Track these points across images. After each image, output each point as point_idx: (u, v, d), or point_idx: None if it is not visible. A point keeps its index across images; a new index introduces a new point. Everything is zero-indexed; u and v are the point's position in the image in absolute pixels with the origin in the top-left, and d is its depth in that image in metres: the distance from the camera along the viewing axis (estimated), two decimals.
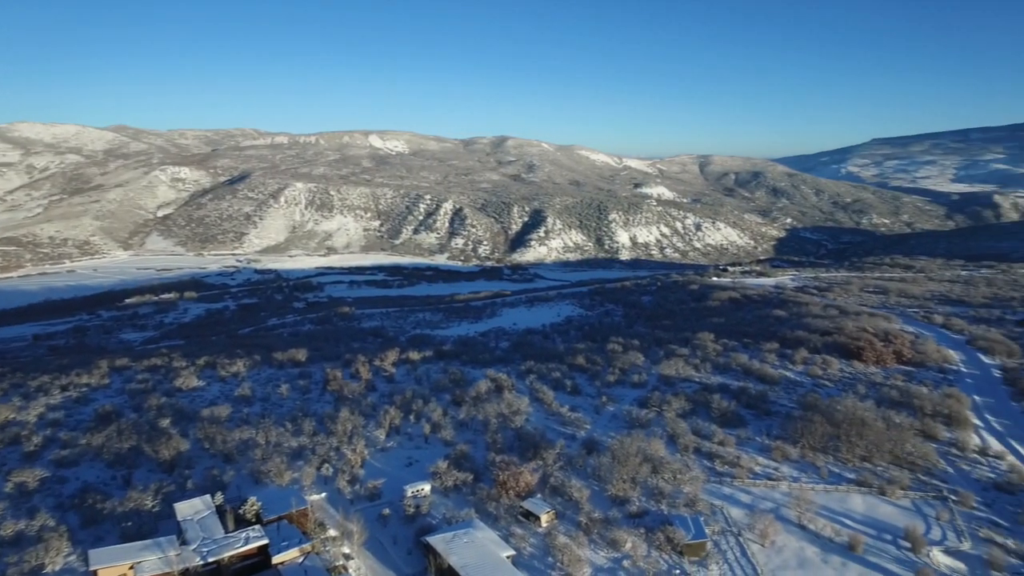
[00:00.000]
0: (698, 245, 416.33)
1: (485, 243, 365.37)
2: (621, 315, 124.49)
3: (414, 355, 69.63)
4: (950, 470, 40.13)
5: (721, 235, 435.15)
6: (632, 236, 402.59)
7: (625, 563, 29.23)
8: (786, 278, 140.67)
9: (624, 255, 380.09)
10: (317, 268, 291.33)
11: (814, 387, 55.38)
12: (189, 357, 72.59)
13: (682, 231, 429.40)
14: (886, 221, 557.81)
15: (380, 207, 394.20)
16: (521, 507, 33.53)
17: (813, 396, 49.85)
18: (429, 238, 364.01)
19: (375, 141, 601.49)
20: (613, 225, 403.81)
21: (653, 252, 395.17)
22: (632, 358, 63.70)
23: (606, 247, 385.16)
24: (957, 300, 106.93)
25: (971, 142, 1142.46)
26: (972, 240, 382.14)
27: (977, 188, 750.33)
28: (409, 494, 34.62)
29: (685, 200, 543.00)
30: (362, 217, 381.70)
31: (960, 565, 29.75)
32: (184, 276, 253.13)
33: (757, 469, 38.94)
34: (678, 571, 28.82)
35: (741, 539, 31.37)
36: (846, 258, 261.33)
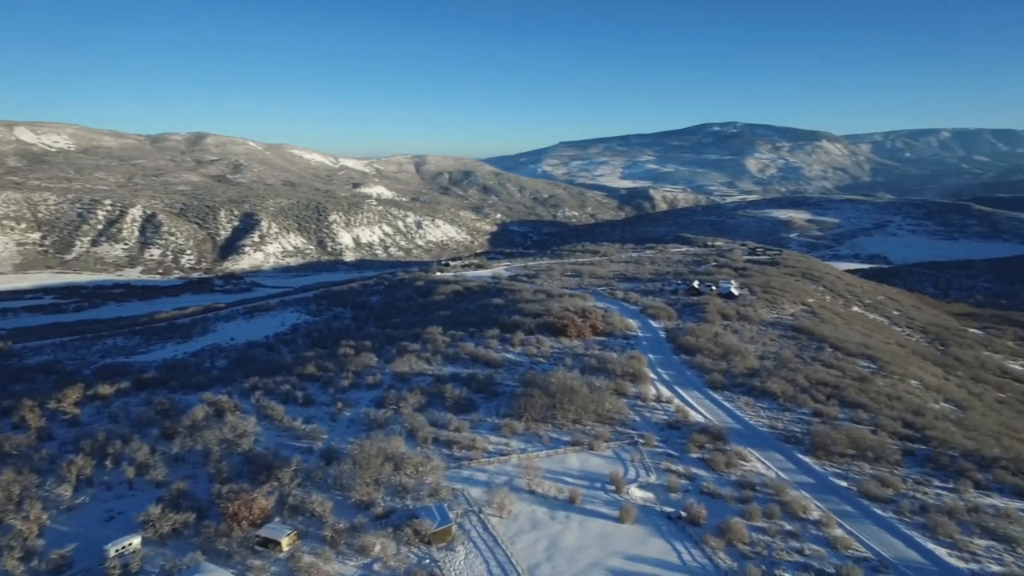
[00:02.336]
0: (420, 242, 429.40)
1: (189, 252, 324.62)
2: (350, 317, 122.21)
3: (105, 389, 58.69)
4: (637, 419, 48.35)
5: (441, 232, 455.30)
6: (355, 237, 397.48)
7: (376, 566, 28.94)
8: (501, 269, 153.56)
9: (348, 256, 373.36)
10: None
11: (532, 365, 61.48)
12: None
13: (404, 229, 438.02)
14: (576, 214, 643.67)
15: (40, 216, 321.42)
16: (258, 536, 30.77)
17: (532, 373, 55.27)
18: (115, 250, 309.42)
19: (24, 135, 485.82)
20: (335, 226, 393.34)
21: (378, 252, 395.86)
22: (365, 359, 63.03)
23: (329, 249, 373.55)
24: (631, 277, 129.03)
25: (631, 146, 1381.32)
26: (638, 227, 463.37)
27: (638, 184, 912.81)
28: (112, 553, 29.11)
29: (404, 199, 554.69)
30: (14, 229, 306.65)
31: (650, 495, 36.08)
32: None
33: (490, 448, 41.83)
34: (428, 561, 29.56)
35: (482, 515, 33.43)
36: (548, 247, 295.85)
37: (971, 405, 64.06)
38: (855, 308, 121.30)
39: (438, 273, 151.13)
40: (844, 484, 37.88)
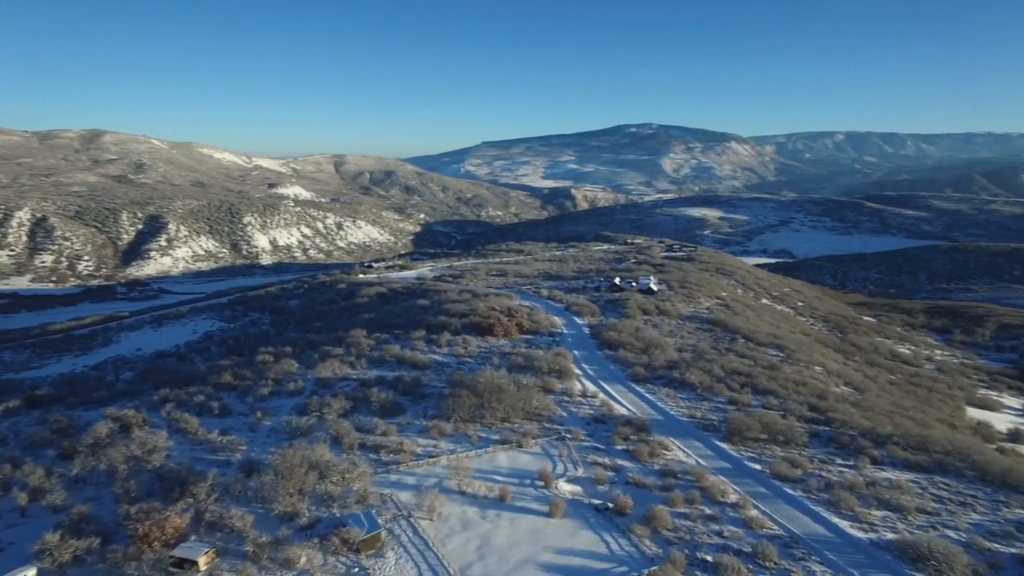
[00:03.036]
0: (342, 244, 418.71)
1: (87, 258, 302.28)
2: (269, 323, 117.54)
3: None
4: (564, 414, 49.15)
5: (363, 233, 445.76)
6: (272, 239, 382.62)
7: None
8: (426, 269, 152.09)
9: (265, 259, 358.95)
10: None
11: (459, 365, 61.26)
12: None
13: (324, 231, 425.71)
14: (499, 213, 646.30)
15: None
16: (172, 556, 29.01)
17: (459, 373, 55.05)
18: None
19: None
20: (250, 229, 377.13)
21: (296, 254, 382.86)
22: (286, 366, 60.78)
23: (244, 252, 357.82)
24: (556, 275, 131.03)
25: (553, 146, 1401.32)
26: (561, 226, 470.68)
27: (560, 184, 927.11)
28: None
29: (324, 200, 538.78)
30: None
31: (578, 488, 36.75)
32: None
33: (419, 450, 41.33)
34: (356, 569, 28.86)
35: (412, 519, 32.99)
36: (472, 247, 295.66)
37: (867, 387, 69.26)
38: (764, 300, 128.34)
39: (361, 275, 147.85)
40: (758, 467, 39.97)
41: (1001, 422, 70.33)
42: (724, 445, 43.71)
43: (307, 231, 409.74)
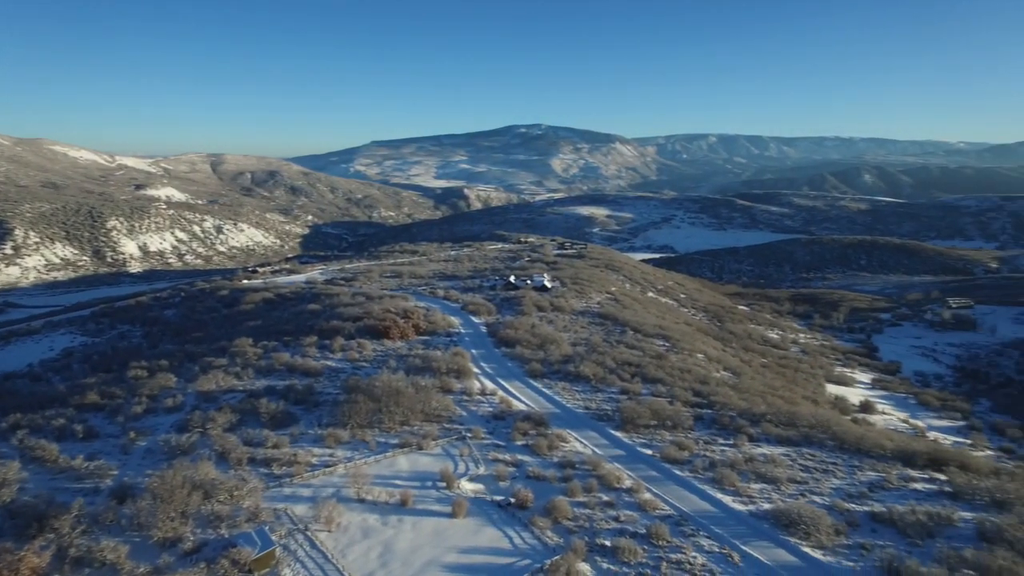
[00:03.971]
0: (222, 248, 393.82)
1: None
2: (141, 335, 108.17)
3: None
4: (464, 413, 49.13)
5: (246, 236, 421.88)
6: (142, 245, 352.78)
7: None
8: (316, 273, 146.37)
9: (134, 267, 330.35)
10: None
11: (354, 370, 59.52)
12: None
13: (202, 235, 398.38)
14: (392, 214, 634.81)
15: None
16: None
17: (354, 378, 53.50)
18: None
19: None
20: (115, 234, 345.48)
21: (171, 260, 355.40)
22: (162, 381, 56.21)
23: (109, 260, 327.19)
24: (451, 275, 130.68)
25: (444, 146, 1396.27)
26: (455, 225, 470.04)
27: (452, 183, 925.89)
28: None
29: (201, 202, 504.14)
30: None
31: (480, 486, 36.88)
32: None
33: (315, 461, 39.74)
34: None
35: (309, 532, 31.65)
36: (365, 249, 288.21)
37: (743, 371, 74.87)
38: (650, 294, 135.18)
39: (245, 281, 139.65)
40: (649, 452, 42.01)
41: (854, 396, 78.58)
42: (618, 433, 45.55)
43: (182, 235, 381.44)
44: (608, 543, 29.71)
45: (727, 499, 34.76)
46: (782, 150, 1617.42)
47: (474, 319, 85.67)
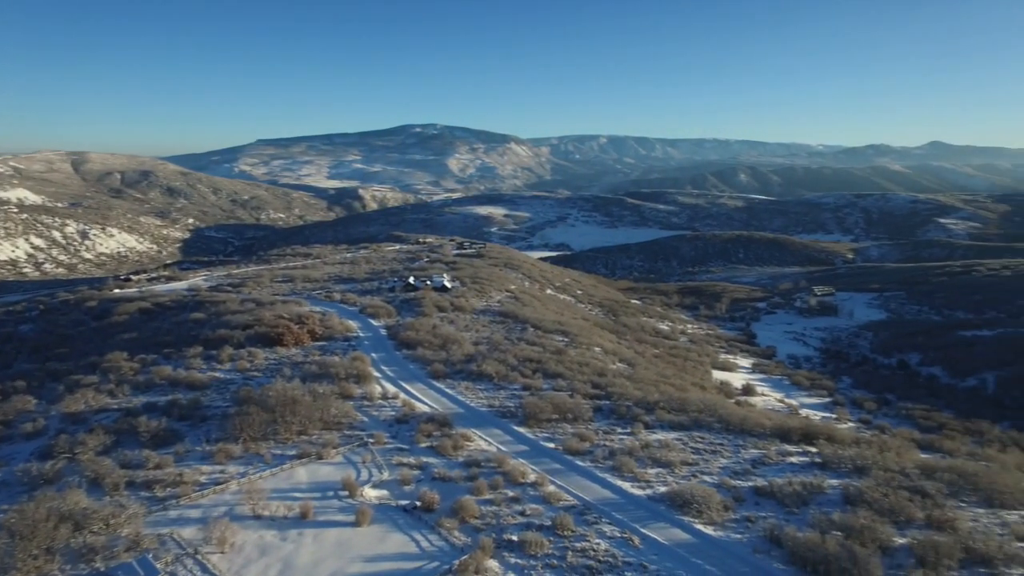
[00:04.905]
0: (89, 256, 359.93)
1: None
2: None
3: None
4: (366, 419, 47.89)
5: (116, 242, 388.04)
6: None
7: None
8: (199, 279, 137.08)
9: None
10: None
11: (245, 381, 56.35)
12: None
13: (64, 241, 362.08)
14: (282, 216, 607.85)
15: None
16: None
17: (246, 389, 50.68)
18: None
19: None
20: None
21: (26, 270, 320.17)
22: (19, 404, 50.40)
23: None
24: (348, 278, 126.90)
25: (336, 145, 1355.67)
26: (350, 227, 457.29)
27: (346, 184, 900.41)
28: None
29: (61, 204, 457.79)
30: None
31: (384, 492, 36.12)
32: None
33: (203, 479, 37.21)
34: None
35: (199, 556, 29.58)
36: (254, 253, 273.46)
37: (637, 362, 78.35)
38: (549, 291, 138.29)
39: (117, 290, 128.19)
40: (552, 445, 42.94)
41: (737, 380, 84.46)
42: (521, 429, 46.20)
43: (39, 242, 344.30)
44: (515, 538, 30.08)
45: (626, 485, 36.21)
46: (667, 151, 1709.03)
47: (373, 322, 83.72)
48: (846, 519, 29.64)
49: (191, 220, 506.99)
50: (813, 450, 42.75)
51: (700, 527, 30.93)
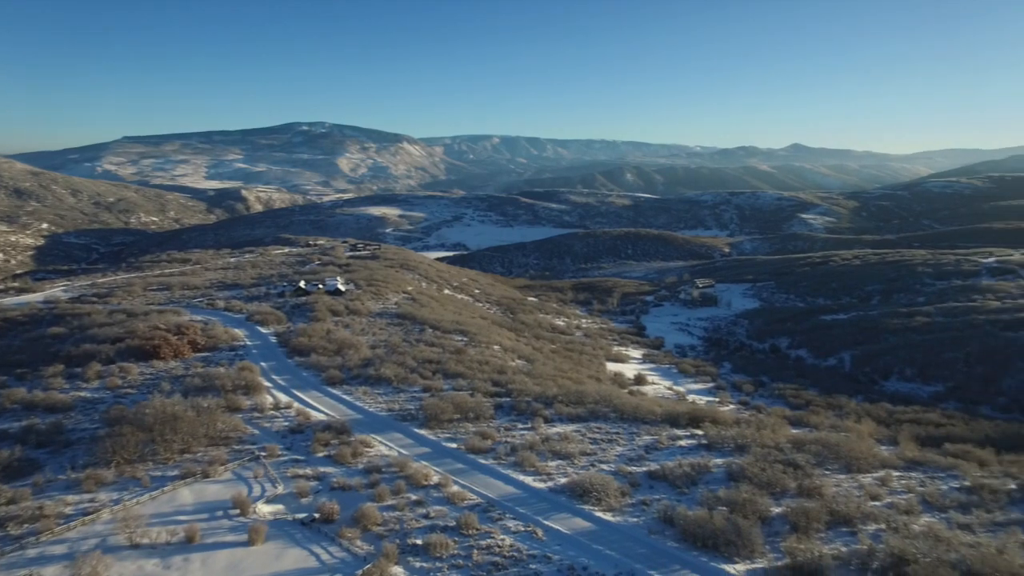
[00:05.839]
0: None
1: None
2: None
3: None
4: (256, 432, 45.42)
5: None
6: None
7: None
8: (57, 290, 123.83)
9: None
10: None
11: (117, 399, 51.66)
12: None
13: None
14: (155, 219, 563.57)
15: None
16: None
17: (118, 408, 46.49)
18: None
19: None
20: None
21: None
22: None
23: None
24: (232, 284, 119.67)
25: (215, 143, 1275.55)
26: (234, 230, 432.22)
27: (227, 184, 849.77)
28: None
29: None
30: None
31: (280, 507, 34.44)
32: None
33: (69, 510, 33.72)
34: None
35: None
36: (123, 259, 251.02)
37: (536, 358, 79.89)
38: (446, 291, 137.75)
39: None
40: (455, 445, 42.84)
41: (630, 371, 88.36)
42: (423, 431, 45.72)
43: None
44: (420, 541, 29.72)
45: (528, 480, 36.82)
46: (558, 151, 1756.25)
47: (262, 329, 79.55)
48: (730, 495, 31.86)
49: (46, 225, 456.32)
50: (700, 433, 45.59)
51: (600, 514, 32.05)
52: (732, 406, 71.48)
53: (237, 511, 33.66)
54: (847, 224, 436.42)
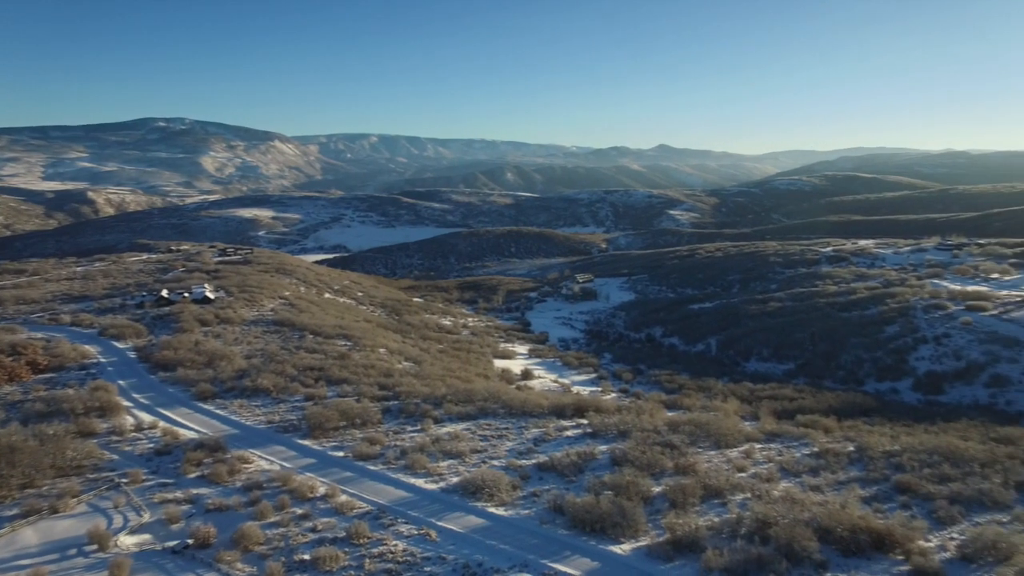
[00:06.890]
0: None
1: None
2: None
3: None
4: (116, 457, 41.23)
5: None
6: None
7: None
8: None
9: None
10: None
11: None
12: None
13: None
14: None
15: None
16: None
17: None
18: None
19: None
20: None
21: None
22: None
23: None
24: (80, 296, 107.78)
25: (53, 140, 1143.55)
26: (80, 236, 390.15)
27: (70, 185, 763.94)
28: None
29: None
30: None
31: (146, 536, 31.51)
32: None
33: None
34: None
35: None
36: None
37: (423, 359, 79.11)
38: (327, 295, 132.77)
39: None
40: (341, 454, 41.41)
41: (517, 366, 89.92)
42: (306, 442, 43.78)
43: None
44: (308, 556, 28.43)
45: (420, 482, 36.40)
46: (438, 151, 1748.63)
47: (118, 344, 72.36)
48: (614, 479, 33.35)
49: None
50: (585, 422, 47.32)
51: (492, 510, 32.32)
52: (614, 394, 74.86)
53: (95, 546, 30.32)
54: (709, 219, 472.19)
